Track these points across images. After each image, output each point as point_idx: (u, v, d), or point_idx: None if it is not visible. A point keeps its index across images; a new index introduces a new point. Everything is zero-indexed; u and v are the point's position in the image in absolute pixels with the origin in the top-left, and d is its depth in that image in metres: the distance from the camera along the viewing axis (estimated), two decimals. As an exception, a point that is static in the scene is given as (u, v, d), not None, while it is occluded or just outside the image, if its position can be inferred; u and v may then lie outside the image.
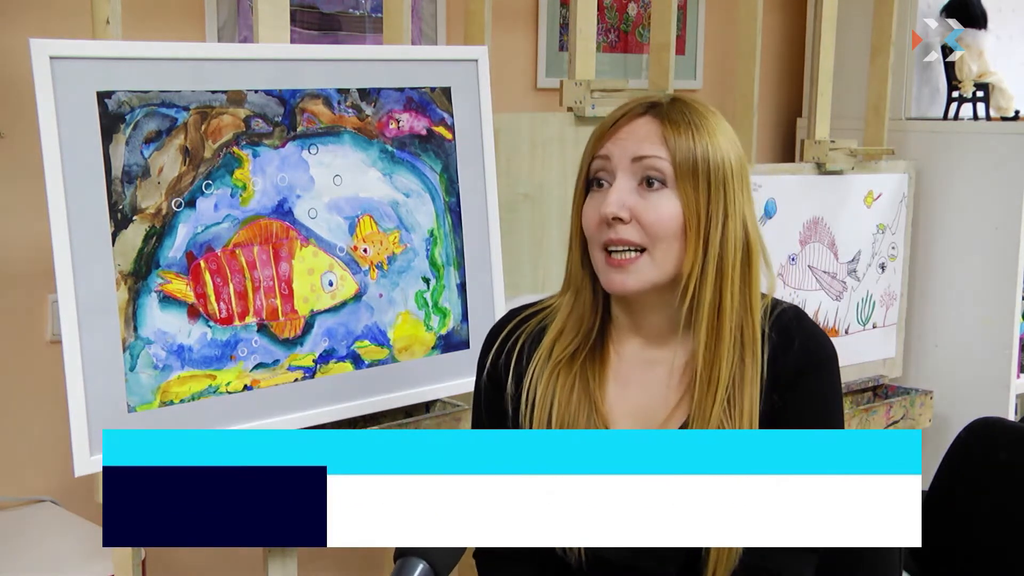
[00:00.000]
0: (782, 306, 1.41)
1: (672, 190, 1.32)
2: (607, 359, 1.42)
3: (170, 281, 1.68)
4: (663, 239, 1.32)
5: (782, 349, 1.36)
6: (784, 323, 1.38)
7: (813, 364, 1.37)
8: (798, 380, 1.36)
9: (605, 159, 1.35)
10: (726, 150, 1.34)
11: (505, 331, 1.46)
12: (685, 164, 1.32)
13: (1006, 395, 2.98)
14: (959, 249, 3.02)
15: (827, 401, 1.39)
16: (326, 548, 2.65)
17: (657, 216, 1.32)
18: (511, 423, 1.43)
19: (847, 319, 2.87)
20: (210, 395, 1.72)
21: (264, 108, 1.76)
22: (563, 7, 2.90)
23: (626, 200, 1.33)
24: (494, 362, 1.45)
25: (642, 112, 1.36)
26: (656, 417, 1.39)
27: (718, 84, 3.28)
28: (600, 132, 1.37)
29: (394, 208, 1.91)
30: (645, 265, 1.33)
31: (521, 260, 2.29)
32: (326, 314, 1.84)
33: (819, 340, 1.40)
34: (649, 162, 1.32)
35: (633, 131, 1.34)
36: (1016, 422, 2.70)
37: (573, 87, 2.34)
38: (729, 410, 1.33)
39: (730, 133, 1.38)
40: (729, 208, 1.33)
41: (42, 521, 2.12)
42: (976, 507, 2.29)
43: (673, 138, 1.32)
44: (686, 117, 1.34)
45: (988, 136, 2.98)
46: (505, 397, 1.43)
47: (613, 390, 1.41)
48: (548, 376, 1.40)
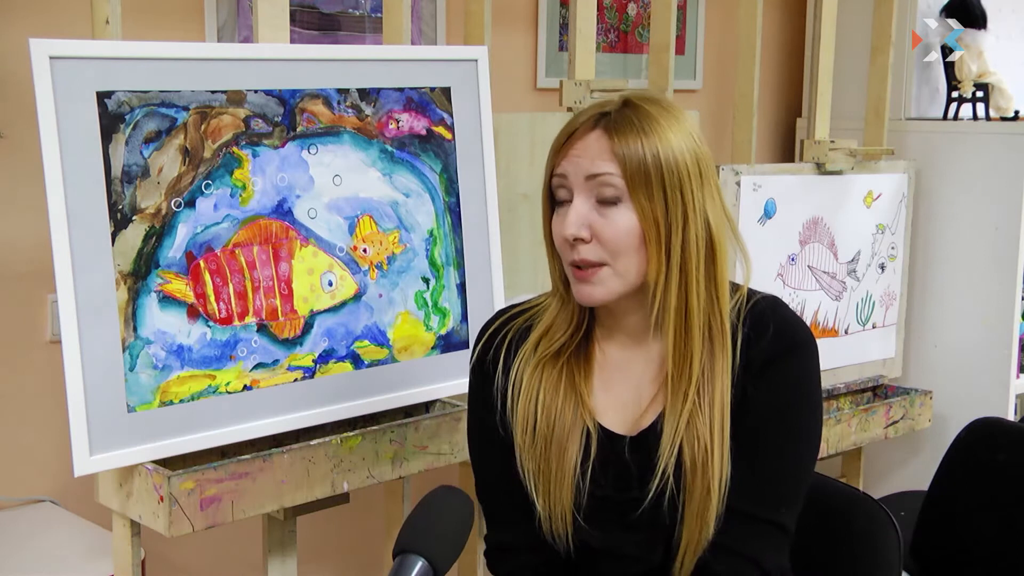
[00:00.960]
0: (757, 296, 1.42)
1: (628, 203, 1.34)
2: (592, 356, 1.46)
3: (170, 281, 1.68)
4: (623, 253, 1.35)
5: (756, 336, 1.38)
6: (758, 312, 1.40)
7: (785, 348, 1.39)
8: (770, 365, 1.38)
9: (562, 177, 1.37)
10: (679, 150, 1.34)
11: (493, 328, 1.49)
12: (637, 176, 1.32)
13: (1006, 395, 2.98)
14: (959, 249, 3.02)
15: (800, 384, 1.40)
16: (326, 548, 2.66)
17: (615, 232, 1.34)
18: (499, 418, 1.46)
19: (847, 319, 2.87)
20: (210, 395, 1.72)
21: (264, 108, 1.76)
22: (563, 7, 2.90)
23: (585, 219, 1.35)
24: (481, 357, 1.49)
25: (592, 126, 1.36)
26: (638, 409, 1.43)
27: (718, 84, 3.28)
28: (555, 148, 1.39)
29: (394, 208, 1.91)
30: (608, 277, 1.36)
31: (521, 260, 2.29)
32: (326, 314, 1.84)
33: (793, 326, 1.41)
34: (602, 179, 1.34)
35: (585, 148, 1.35)
36: (1016, 422, 2.70)
37: (573, 87, 2.34)
38: (699, 401, 1.36)
39: (685, 129, 1.36)
40: (688, 211, 1.34)
41: (42, 521, 2.12)
42: (976, 507, 2.29)
43: (623, 151, 1.33)
44: (634, 124, 1.34)
45: (988, 136, 2.98)
46: (495, 391, 1.46)
47: (599, 383, 1.45)
48: (533, 370, 1.43)
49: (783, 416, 1.38)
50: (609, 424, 1.43)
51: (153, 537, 1.79)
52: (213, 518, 1.69)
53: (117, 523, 1.76)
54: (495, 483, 1.49)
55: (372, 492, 2.14)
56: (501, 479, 1.47)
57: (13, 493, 2.17)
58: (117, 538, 1.77)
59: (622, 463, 1.40)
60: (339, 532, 2.62)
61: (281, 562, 1.90)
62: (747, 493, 1.36)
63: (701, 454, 1.35)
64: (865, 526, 1.58)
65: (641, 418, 1.42)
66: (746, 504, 1.37)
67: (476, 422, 1.52)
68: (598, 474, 1.40)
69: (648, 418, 1.41)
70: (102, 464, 1.63)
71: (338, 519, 2.48)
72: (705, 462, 1.34)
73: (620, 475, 1.40)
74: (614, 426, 1.43)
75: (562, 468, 1.40)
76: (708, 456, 1.34)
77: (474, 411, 1.52)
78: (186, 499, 1.65)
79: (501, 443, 1.46)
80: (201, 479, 1.67)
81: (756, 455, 1.37)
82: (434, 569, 1.14)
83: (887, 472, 3.17)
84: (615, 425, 1.43)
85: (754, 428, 1.37)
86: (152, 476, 1.65)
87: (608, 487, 1.40)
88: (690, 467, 1.35)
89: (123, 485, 1.70)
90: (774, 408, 1.38)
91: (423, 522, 1.19)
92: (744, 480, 1.36)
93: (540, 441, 1.41)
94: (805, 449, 1.41)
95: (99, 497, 1.77)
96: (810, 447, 1.42)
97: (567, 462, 1.40)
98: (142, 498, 1.68)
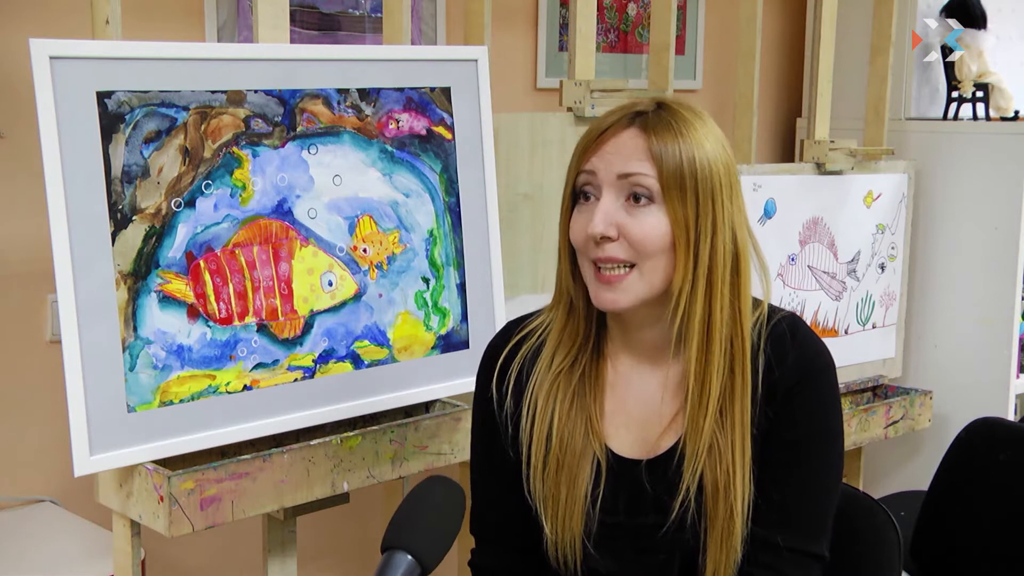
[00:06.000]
0: (778, 316, 1.39)
1: (659, 205, 1.31)
2: (603, 373, 1.42)
3: (170, 281, 1.68)
4: (651, 255, 1.31)
5: (777, 362, 1.35)
6: (778, 335, 1.37)
7: (808, 377, 1.36)
8: (793, 394, 1.35)
9: (591, 174, 1.34)
10: (713, 158, 1.32)
11: (504, 354, 1.45)
12: (672, 179, 1.30)
13: (1006, 395, 2.98)
14: (959, 249, 3.02)
15: (824, 413, 1.37)
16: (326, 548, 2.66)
17: (644, 232, 1.31)
18: (509, 441, 1.43)
19: (847, 319, 2.87)
20: (210, 395, 1.72)
21: (264, 108, 1.76)
22: (563, 7, 2.90)
23: (613, 217, 1.31)
24: (488, 382, 1.45)
25: (627, 124, 1.33)
26: (653, 430, 1.39)
27: (718, 84, 3.28)
28: (585, 145, 1.35)
29: (394, 208, 1.91)
30: (634, 282, 1.33)
31: (521, 260, 2.29)
32: (326, 314, 1.84)
33: (815, 349, 1.38)
34: (635, 179, 1.31)
35: (619, 146, 1.32)
36: (1016, 422, 2.70)
37: (573, 87, 2.34)
38: (721, 421, 1.33)
39: (716, 137, 1.35)
40: (718, 220, 1.32)
41: (42, 521, 2.12)
42: (976, 507, 2.29)
43: (659, 152, 1.30)
44: (672, 127, 1.31)
45: (988, 136, 2.98)
46: (504, 416, 1.43)
47: (611, 402, 1.42)
48: (548, 389, 1.40)
49: (809, 447, 1.36)
50: (620, 448, 1.40)
51: (153, 537, 1.79)
52: (213, 518, 1.69)
53: (117, 523, 1.76)
54: (489, 509, 1.47)
55: (372, 492, 2.14)
56: (498, 504, 1.45)
57: (13, 493, 2.17)
58: (117, 538, 1.77)
59: (636, 488, 1.37)
60: (339, 532, 2.62)
61: (281, 562, 1.90)
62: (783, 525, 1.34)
63: (724, 476, 1.32)
64: (865, 526, 1.58)
65: (659, 441, 1.38)
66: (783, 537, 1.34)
67: (481, 446, 1.48)
68: (608, 501, 1.38)
69: (667, 441, 1.38)
70: (102, 464, 1.63)
71: (338, 519, 2.49)
72: (728, 485, 1.32)
73: (633, 501, 1.37)
74: (625, 450, 1.39)
75: (572, 495, 1.37)
76: (730, 478, 1.32)
77: (480, 434, 1.48)
78: (186, 499, 1.65)
79: (504, 469, 1.43)
80: (201, 479, 1.67)
81: (787, 487, 1.35)
82: (421, 565, 1.12)
83: (887, 472, 3.18)
84: (626, 449, 1.40)
85: (782, 460, 1.35)
86: (152, 476, 1.65)
87: (620, 514, 1.37)
88: (711, 490, 1.32)
89: (123, 485, 1.70)
90: (801, 439, 1.35)
91: (410, 517, 1.17)
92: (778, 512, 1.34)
93: (552, 464, 1.38)
94: (833, 475, 1.39)
95: (99, 497, 1.77)
96: (838, 471, 1.40)
97: (578, 488, 1.37)
98: (142, 498, 1.68)
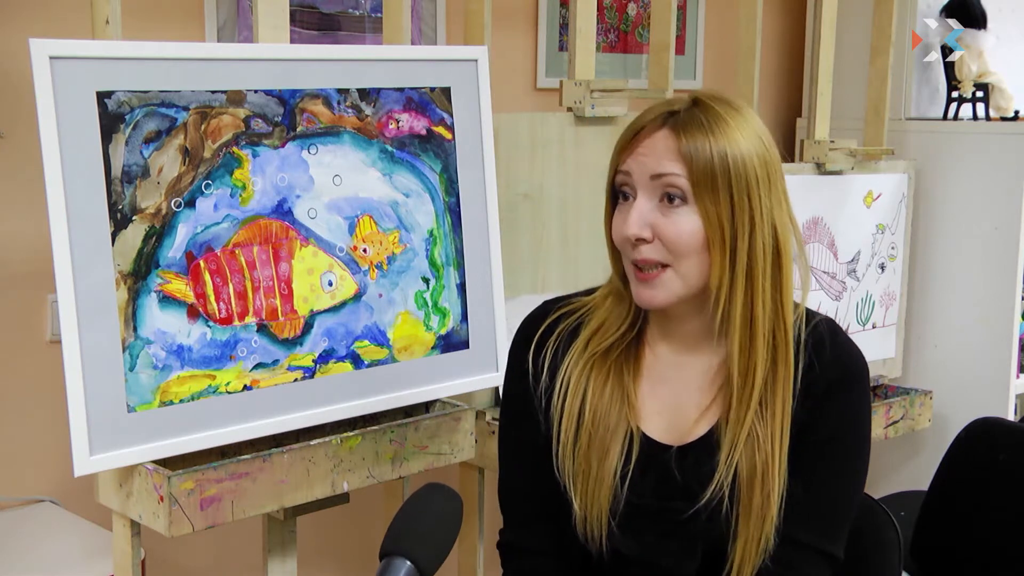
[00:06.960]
0: (817, 318, 1.41)
1: (692, 205, 1.31)
2: (642, 357, 1.44)
3: (170, 281, 1.68)
4: (686, 255, 1.33)
5: (817, 360, 1.37)
6: (819, 335, 1.39)
7: (847, 378, 1.38)
8: (831, 393, 1.37)
9: (627, 174, 1.35)
10: (748, 152, 1.32)
11: (542, 328, 1.46)
12: (703, 177, 1.30)
13: (1006, 395, 2.98)
14: (959, 249, 3.02)
15: (857, 416, 1.40)
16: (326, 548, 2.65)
17: (677, 233, 1.32)
18: (542, 415, 1.43)
19: (847, 319, 2.87)
20: (210, 395, 1.72)
21: (264, 108, 1.76)
22: (563, 7, 2.90)
23: (647, 219, 1.33)
24: (524, 356, 1.45)
25: (660, 124, 1.34)
26: (687, 417, 1.41)
27: (718, 84, 3.28)
28: (621, 145, 1.37)
29: (394, 208, 1.91)
30: (671, 280, 1.34)
31: (521, 260, 2.29)
32: (326, 314, 1.84)
33: (852, 354, 1.41)
34: (667, 179, 1.32)
35: (651, 147, 1.33)
36: (1016, 422, 2.70)
37: (573, 87, 2.34)
38: (762, 411, 1.35)
39: (753, 130, 1.34)
40: (756, 216, 1.32)
41: (42, 521, 2.12)
42: (976, 507, 2.29)
43: (690, 151, 1.31)
44: (703, 125, 1.32)
45: (988, 136, 2.98)
46: (539, 391, 1.44)
47: (646, 387, 1.43)
48: (583, 367, 1.41)
49: (840, 447, 1.38)
50: (652, 431, 1.41)
51: (153, 537, 1.79)
52: (213, 518, 1.69)
53: (117, 523, 1.76)
54: (519, 486, 1.48)
55: (372, 492, 2.14)
56: (526, 482, 1.46)
57: (13, 493, 2.17)
58: (117, 538, 1.77)
59: (664, 472, 1.38)
60: (339, 532, 2.62)
61: (281, 562, 1.90)
62: (805, 522, 1.36)
63: (761, 464, 1.33)
64: (865, 526, 1.58)
65: (693, 427, 1.40)
66: (803, 533, 1.36)
67: (512, 421, 1.49)
68: (636, 482, 1.38)
69: (701, 428, 1.39)
70: (102, 464, 1.63)
71: (338, 519, 2.49)
72: (765, 473, 1.33)
73: (661, 484, 1.38)
74: (657, 434, 1.40)
75: (603, 470, 1.38)
76: (768, 468, 1.33)
77: (510, 410, 1.49)
78: (186, 499, 1.65)
79: (534, 446, 1.44)
80: (201, 479, 1.67)
81: (812, 485, 1.36)
82: (420, 572, 1.12)
83: (887, 472, 3.17)
84: (658, 433, 1.40)
85: (810, 459, 1.36)
86: (152, 476, 1.65)
87: (648, 495, 1.38)
88: (747, 479, 1.34)
89: (123, 485, 1.70)
90: (831, 440, 1.37)
91: (409, 523, 1.17)
92: (801, 509, 1.35)
93: (583, 439, 1.39)
94: (859, 479, 1.41)
95: (99, 497, 1.77)
96: (863, 476, 1.42)
97: (608, 464, 1.38)
98: (142, 498, 1.68)
